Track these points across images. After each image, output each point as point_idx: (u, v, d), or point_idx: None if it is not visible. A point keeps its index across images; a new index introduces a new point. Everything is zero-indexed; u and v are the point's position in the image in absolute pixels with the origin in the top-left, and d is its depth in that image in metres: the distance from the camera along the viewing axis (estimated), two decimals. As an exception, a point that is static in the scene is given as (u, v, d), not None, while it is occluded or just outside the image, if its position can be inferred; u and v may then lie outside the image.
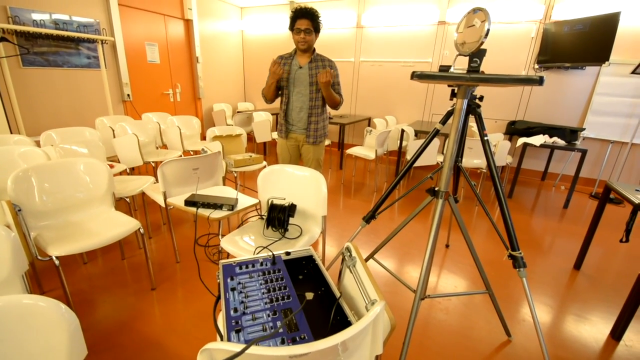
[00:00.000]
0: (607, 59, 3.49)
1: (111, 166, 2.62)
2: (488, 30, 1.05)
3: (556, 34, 3.93)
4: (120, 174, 2.70)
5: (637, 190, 1.95)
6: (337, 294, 0.95)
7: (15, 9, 3.18)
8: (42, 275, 1.96)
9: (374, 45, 5.17)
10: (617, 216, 3.36)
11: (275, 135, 2.96)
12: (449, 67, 1.31)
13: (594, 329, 1.77)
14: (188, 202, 1.62)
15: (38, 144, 2.56)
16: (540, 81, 0.89)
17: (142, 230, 1.75)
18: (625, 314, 1.66)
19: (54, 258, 1.46)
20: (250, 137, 4.48)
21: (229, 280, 0.98)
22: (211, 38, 5.59)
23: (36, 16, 3.34)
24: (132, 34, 4.32)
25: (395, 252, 2.45)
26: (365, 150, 3.95)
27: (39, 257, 1.51)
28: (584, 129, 4.02)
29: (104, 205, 1.90)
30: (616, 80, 3.89)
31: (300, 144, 2.34)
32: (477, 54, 1.15)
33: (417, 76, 1.10)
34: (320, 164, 2.39)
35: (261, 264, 1.06)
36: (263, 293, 0.93)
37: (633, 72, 3.53)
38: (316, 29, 2.09)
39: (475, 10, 1.07)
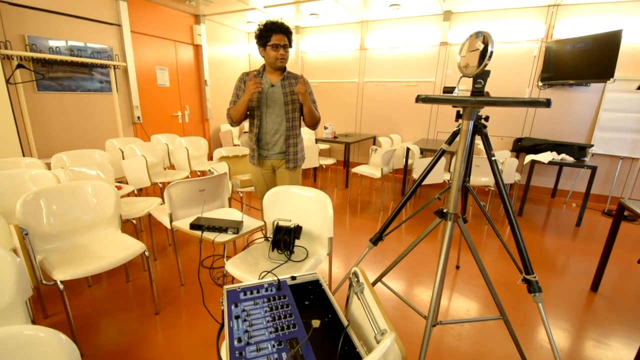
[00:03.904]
0: (612, 76, 3.49)
1: (119, 187, 2.64)
2: (491, 52, 1.06)
3: (558, 52, 3.97)
4: (128, 195, 2.72)
5: (653, 209, 1.89)
6: (345, 323, 0.91)
7: (33, 37, 3.33)
8: (46, 299, 1.95)
9: (377, 66, 5.28)
10: (632, 234, 3.25)
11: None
12: (453, 88, 1.31)
13: (615, 355, 1.67)
14: (193, 226, 1.61)
15: (49, 166, 2.61)
16: (547, 103, 0.89)
17: (147, 253, 1.74)
18: (650, 341, 1.57)
19: (59, 282, 1.44)
20: (256, 157, 4.51)
21: (233, 307, 0.95)
22: (219, 62, 5.76)
23: (53, 43, 3.49)
24: (143, 59, 4.48)
25: (403, 274, 2.39)
26: (370, 168, 3.94)
27: (44, 282, 1.50)
28: (592, 145, 3.98)
29: (110, 227, 1.90)
30: (622, 96, 3.87)
31: (275, 169, 2.14)
32: (481, 75, 1.16)
33: (421, 100, 1.10)
34: None
35: (266, 290, 1.04)
36: (268, 321, 0.90)
37: (639, 88, 3.52)
38: (290, 44, 1.91)
39: (477, 35, 1.08)
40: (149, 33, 4.51)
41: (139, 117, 4.42)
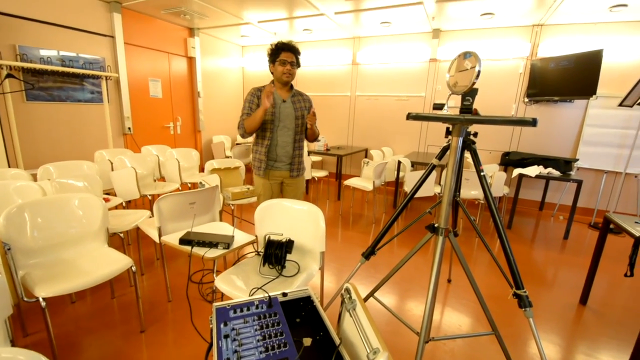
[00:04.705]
0: (594, 93, 3.63)
1: (107, 200, 2.59)
2: (479, 72, 1.09)
3: (543, 70, 4.12)
4: (116, 207, 2.67)
5: (637, 223, 1.94)
6: (337, 341, 0.90)
7: (24, 47, 3.30)
8: (27, 316, 1.87)
9: (369, 81, 5.38)
10: (618, 246, 3.32)
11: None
12: (443, 104, 1.34)
13: (607, 370, 1.68)
14: (183, 241, 1.58)
15: (35, 177, 2.55)
16: (533, 123, 0.91)
17: (134, 268, 1.70)
18: (638, 355, 1.59)
19: (41, 300, 1.39)
20: (249, 168, 4.50)
21: (222, 325, 0.93)
22: (213, 74, 5.79)
23: (44, 53, 3.47)
24: (136, 70, 4.47)
25: (395, 288, 2.38)
26: (362, 181, 3.96)
27: (25, 299, 1.44)
28: (578, 160, 4.09)
29: (96, 241, 1.86)
30: (605, 112, 4.02)
31: (282, 179, 2.23)
32: (470, 93, 1.19)
33: (412, 117, 1.12)
34: (302, 197, 2.30)
35: (257, 307, 1.02)
36: (258, 340, 0.88)
37: (620, 105, 3.65)
38: (298, 63, 2.09)
39: (466, 55, 1.12)
40: (143, 45, 4.52)
41: (129, 128, 4.38)
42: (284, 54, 2.01)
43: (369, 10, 4.01)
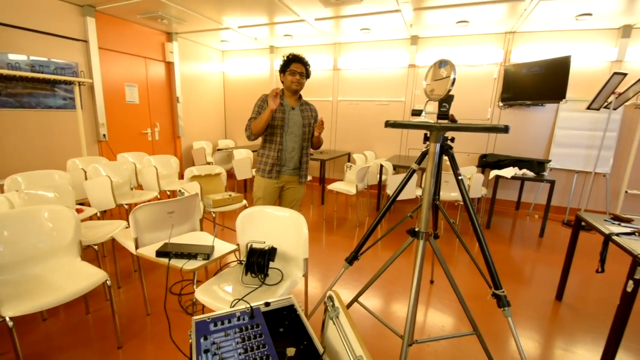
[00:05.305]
0: (564, 97, 3.81)
1: (80, 210, 2.48)
2: (454, 79, 1.12)
3: (516, 75, 4.29)
4: (90, 218, 2.56)
5: (606, 221, 2.04)
6: (321, 350, 0.89)
7: (-10, 52, 3.14)
8: (-8, 337, 1.76)
9: (350, 86, 5.44)
10: (590, 243, 3.48)
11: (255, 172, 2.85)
12: (421, 110, 1.37)
13: (582, 364, 1.75)
14: (160, 253, 1.53)
15: (2, 188, 2.42)
16: (505, 130, 0.95)
17: (109, 282, 1.63)
18: (611, 347, 1.65)
19: (8, 319, 1.31)
20: (231, 174, 4.43)
21: (202, 340, 0.90)
22: (192, 79, 5.70)
23: (13, 57, 3.31)
24: (111, 75, 4.33)
25: (378, 291, 2.39)
26: (346, 185, 3.99)
27: (-11, 319, 1.35)
28: (550, 161, 4.27)
29: (68, 255, 1.77)
30: (574, 115, 4.22)
31: (284, 184, 2.31)
32: (446, 100, 1.22)
33: (390, 125, 1.14)
34: (300, 202, 2.41)
35: (238, 319, 1.00)
36: (240, 353, 0.87)
37: (588, 108, 3.86)
38: (307, 75, 2.22)
39: (441, 64, 1.15)
40: (118, 49, 4.39)
41: (104, 135, 4.23)
42: (294, 65, 2.14)
43: (349, 17, 4.06)
